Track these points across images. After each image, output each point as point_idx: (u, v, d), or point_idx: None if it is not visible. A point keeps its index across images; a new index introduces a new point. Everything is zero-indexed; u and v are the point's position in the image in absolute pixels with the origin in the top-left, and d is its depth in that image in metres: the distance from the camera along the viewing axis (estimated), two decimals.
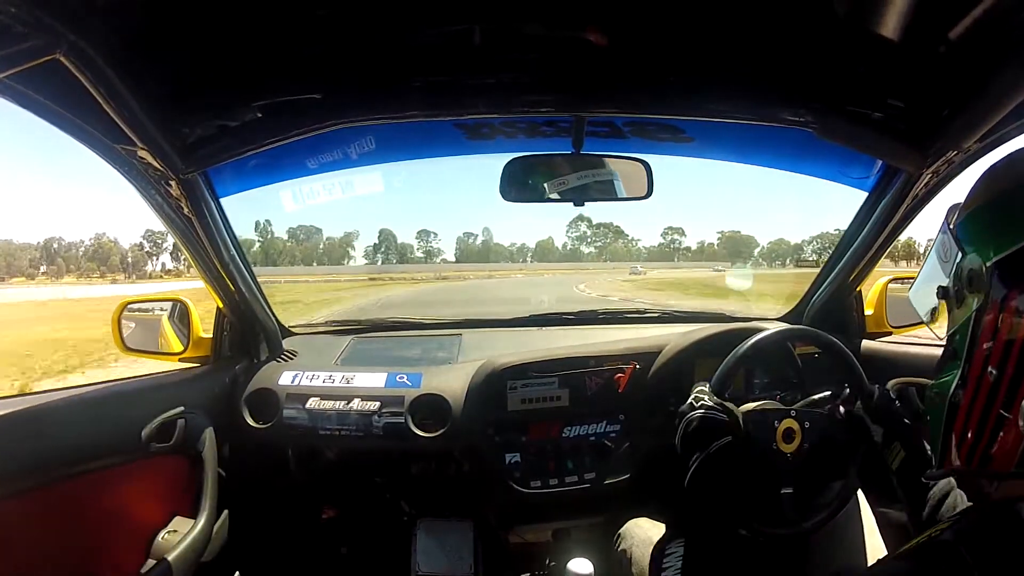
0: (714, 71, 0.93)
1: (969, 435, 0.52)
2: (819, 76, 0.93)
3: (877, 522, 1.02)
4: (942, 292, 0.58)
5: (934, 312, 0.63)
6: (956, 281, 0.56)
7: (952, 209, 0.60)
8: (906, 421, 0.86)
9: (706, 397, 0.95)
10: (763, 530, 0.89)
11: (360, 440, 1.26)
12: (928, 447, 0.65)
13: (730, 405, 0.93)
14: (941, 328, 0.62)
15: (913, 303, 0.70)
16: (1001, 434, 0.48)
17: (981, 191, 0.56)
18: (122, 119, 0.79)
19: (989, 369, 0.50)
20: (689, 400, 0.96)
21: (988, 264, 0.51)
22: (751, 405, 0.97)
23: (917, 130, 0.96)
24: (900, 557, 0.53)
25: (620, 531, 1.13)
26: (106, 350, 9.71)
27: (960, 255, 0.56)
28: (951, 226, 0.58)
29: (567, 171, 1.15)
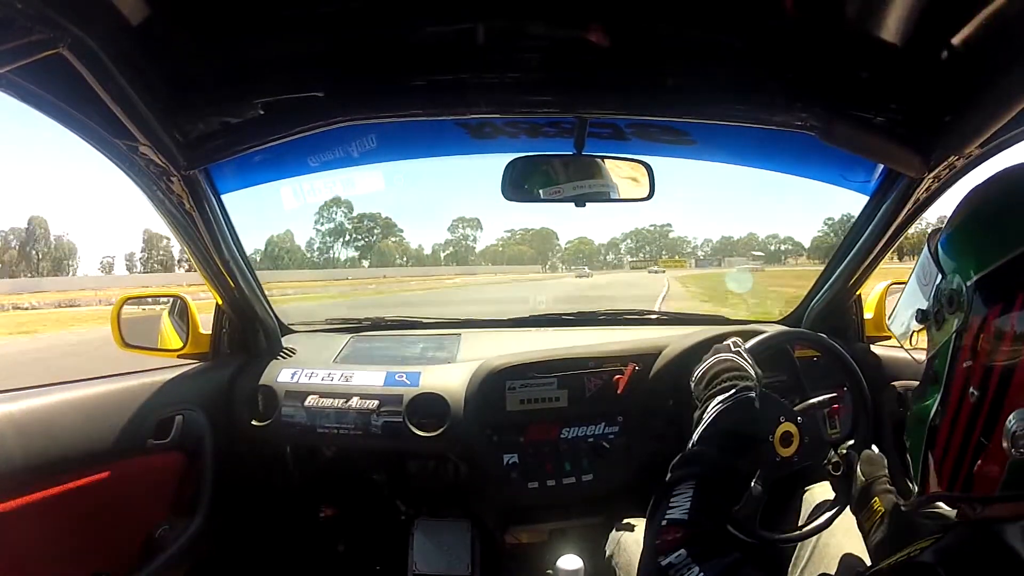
0: (717, 74, 0.93)
1: (951, 458, 0.51)
2: (822, 80, 0.93)
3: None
4: (921, 315, 0.57)
5: (913, 337, 0.61)
6: (936, 303, 0.55)
7: (933, 234, 0.59)
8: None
9: (743, 348, 0.90)
10: (756, 532, 0.89)
11: (358, 439, 1.26)
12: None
13: (757, 369, 0.87)
14: (921, 354, 0.60)
15: (892, 329, 0.68)
16: (984, 456, 0.47)
17: (963, 210, 0.56)
18: (124, 115, 0.79)
19: (971, 390, 0.48)
20: (727, 343, 0.91)
21: (969, 283, 0.50)
22: None
23: (919, 135, 0.96)
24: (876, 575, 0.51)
25: (611, 532, 1.12)
26: None
27: (940, 276, 0.55)
28: (932, 248, 0.58)
29: (568, 172, 1.15)
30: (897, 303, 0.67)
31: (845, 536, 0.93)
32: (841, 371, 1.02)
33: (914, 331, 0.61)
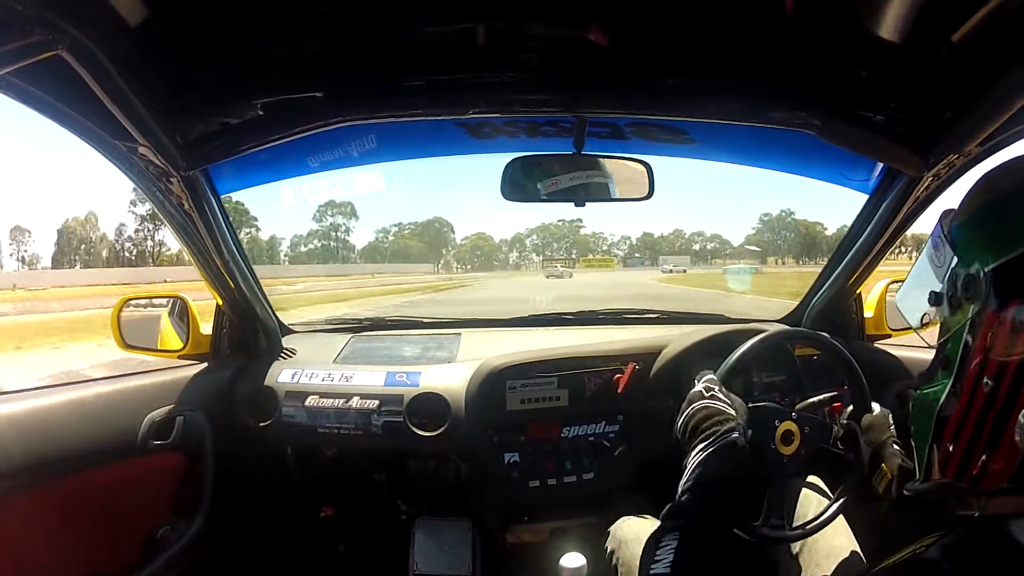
0: (716, 73, 0.93)
1: (960, 448, 0.50)
2: (821, 79, 0.93)
3: (861, 527, 1.01)
4: (934, 298, 0.56)
5: (924, 318, 0.61)
6: (950, 287, 0.54)
7: (946, 213, 0.58)
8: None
9: (716, 387, 0.91)
10: (758, 531, 0.89)
11: (359, 439, 1.26)
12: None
13: (737, 399, 0.90)
14: (931, 334, 0.59)
15: (900, 309, 0.67)
16: (996, 449, 0.46)
17: (979, 195, 0.55)
18: (124, 116, 0.79)
19: (985, 380, 0.48)
20: (699, 388, 0.92)
21: (986, 270, 0.49)
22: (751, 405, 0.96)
23: (918, 133, 0.96)
24: (881, 573, 0.51)
25: (611, 529, 1.13)
26: None
27: (955, 260, 0.54)
28: (946, 230, 0.57)
29: (568, 171, 1.15)
30: (906, 282, 0.66)
31: (834, 533, 0.94)
32: (843, 370, 1.02)
33: (927, 320, 0.60)
